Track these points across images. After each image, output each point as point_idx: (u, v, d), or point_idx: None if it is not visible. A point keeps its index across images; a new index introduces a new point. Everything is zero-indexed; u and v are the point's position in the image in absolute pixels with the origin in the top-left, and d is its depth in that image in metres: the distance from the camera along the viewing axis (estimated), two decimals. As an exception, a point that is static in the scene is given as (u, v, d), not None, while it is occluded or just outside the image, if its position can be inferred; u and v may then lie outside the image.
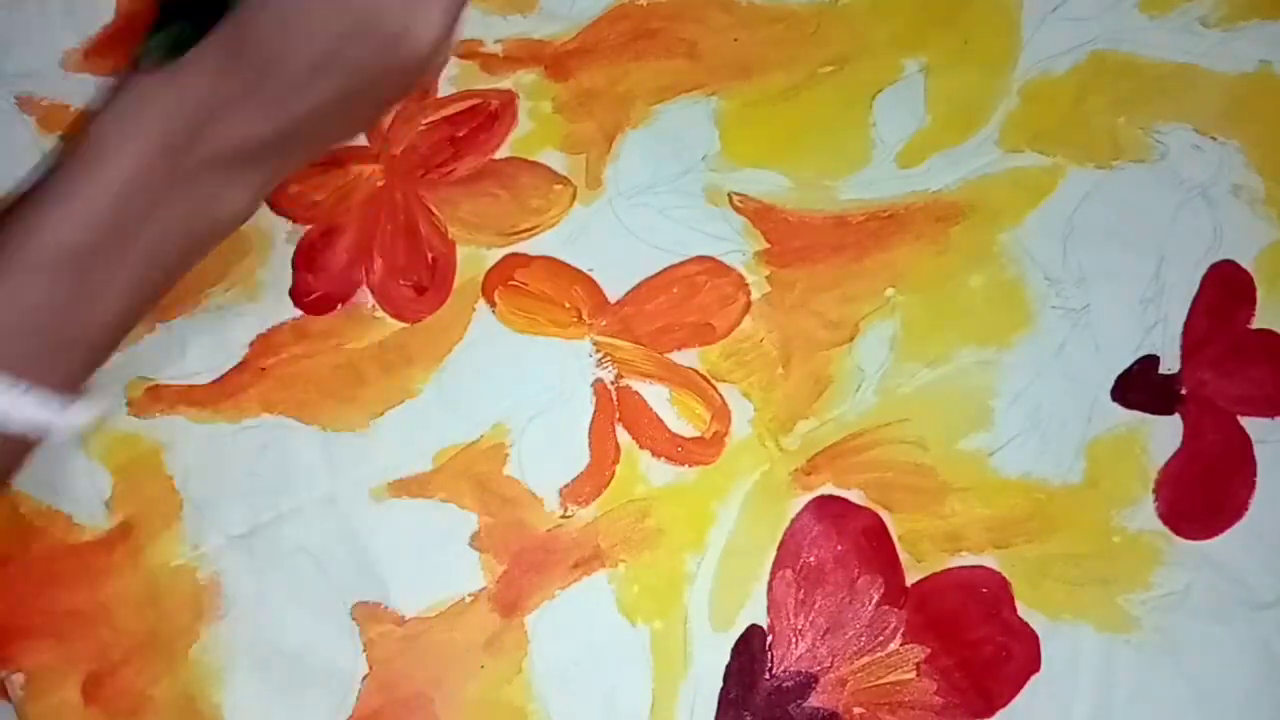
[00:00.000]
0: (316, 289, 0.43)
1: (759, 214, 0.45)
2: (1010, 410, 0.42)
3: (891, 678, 0.39)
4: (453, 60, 0.46)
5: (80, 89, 0.46)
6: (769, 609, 0.40)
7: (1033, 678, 0.39)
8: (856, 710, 0.39)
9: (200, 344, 0.43)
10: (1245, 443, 0.42)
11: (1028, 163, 0.45)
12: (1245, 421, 0.42)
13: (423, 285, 0.43)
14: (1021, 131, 0.46)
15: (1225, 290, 0.44)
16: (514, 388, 0.41)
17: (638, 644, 0.39)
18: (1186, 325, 0.43)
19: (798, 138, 0.46)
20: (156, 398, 0.42)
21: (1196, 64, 0.47)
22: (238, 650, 0.39)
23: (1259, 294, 0.44)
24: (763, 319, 0.43)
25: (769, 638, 0.40)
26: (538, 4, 0.47)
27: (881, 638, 0.40)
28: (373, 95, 0.35)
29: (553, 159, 0.45)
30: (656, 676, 0.39)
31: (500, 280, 0.43)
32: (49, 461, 0.41)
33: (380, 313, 0.43)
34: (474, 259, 0.44)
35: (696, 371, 0.42)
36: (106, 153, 0.32)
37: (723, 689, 0.39)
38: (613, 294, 0.43)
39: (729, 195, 0.45)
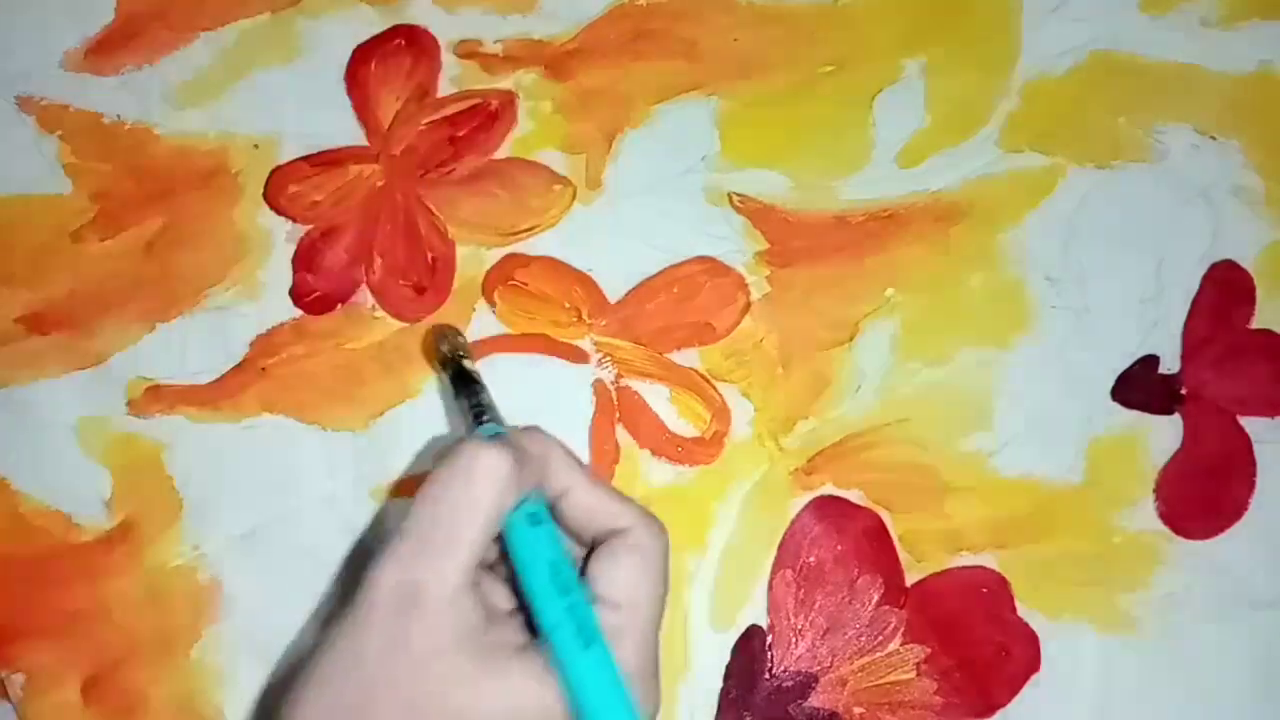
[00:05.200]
0: (316, 289, 0.43)
1: (759, 214, 0.45)
2: (1010, 410, 0.42)
3: (891, 678, 0.39)
4: (453, 60, 0.46)
5: (80, 89, 0.46)
6: (769, 609, 0.40)
7: (1033, 678, 0.39)
8: (856, 710, 0.39)
9: (200, 344, 0.43)
10: (1245, 443, 0.42)
11: (1028, 163, 0.45)
12: (1245, 421, 0.42)
13: (423, 285, 0.43)
14: (1021, 131, 0.46)
15: (1225, 290, 0.44)
16: (514, 388, 0.41)
17: (638, 644, 0.39)
18: (1186, 325, 0.43)
19: (798, 138, 0.46)
20: (156, 398, 0.42)
21: (1196, 64, 0.46)
22: (238, 650, 0.39)
23: (1259, 294, 0.44)
24: (763, 319, 0.43)
25: (769, 637, 0.40)
26: (538, 4, 0.47)
27: (881, 638, 0.40)
28: None
29: (553, 159, 0.45)
30: (656, 676, 0.39)
31: (500, 280, 0.43)
32: (49, 461, 0.41)
33: (380, 313, 0.43)
34: (474, 259, 0.44)
35: (696, 371, 0.42)
36: None
37: (723, 689, 0.39)
38: (613, 294, 0.43)
39: (729, 195, 0.45)
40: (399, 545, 0.29)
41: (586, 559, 0.31)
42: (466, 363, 0.38)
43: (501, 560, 0.31)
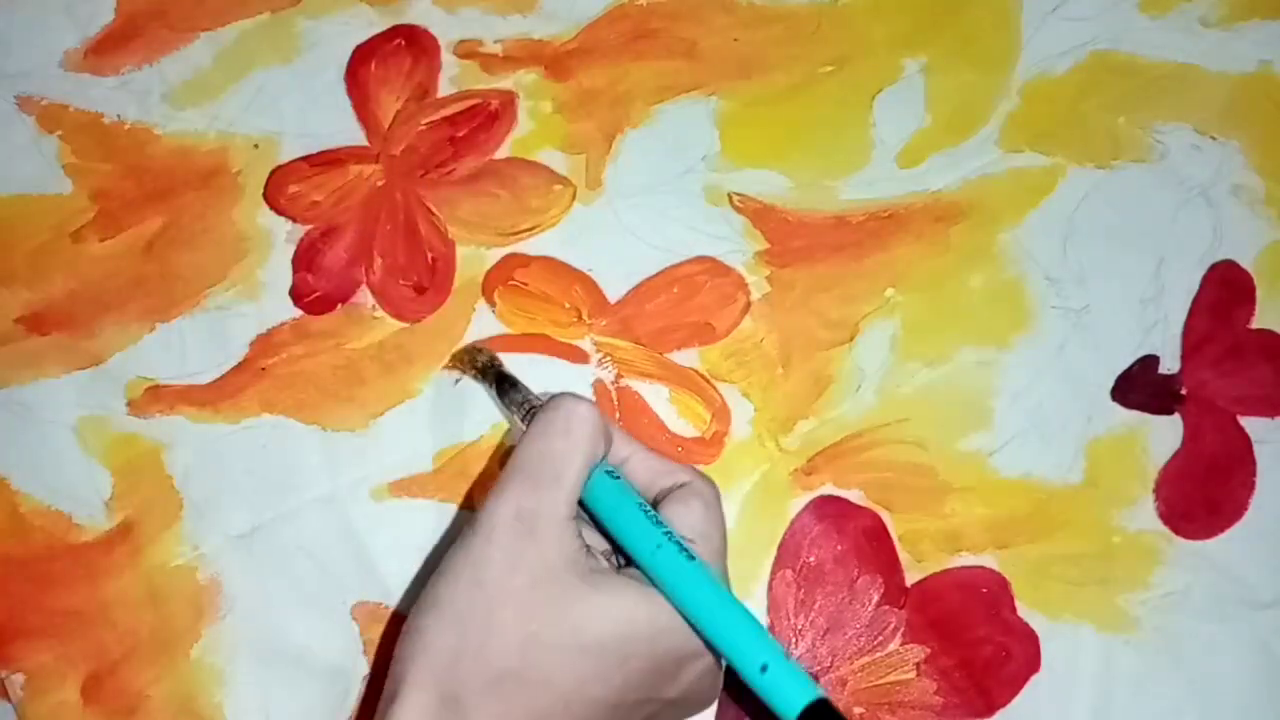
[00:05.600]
0: (316, 289, 0.43)
1: (759, 214, 0.45)
2: (1010, 410, 0.42)
3: (891, 678, 0.39)
4: (453, 60, 0.46)
5: (80, 89, 0.46)
6: (769, 609, 0.40)
7: (1033, 678, 0.39)
8: (856, 710, 0.39)
9: (200, 344, 0.43)
10: (1245, 443, 0.42)
11: (1028, 163, 0.45)
12: (1245, 421, 0.42)
13: (423, 285, 0.43)
14: (1021, 131, 0.46)
15: (1225, 290, 0.44)
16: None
17: (638, 644, 0.39)
18: (1186, 325, 0.43)
19: (798, 138, 0.46)
20: (156, 398, 0.42)
21: (1196, 64, 0.47)
22: (238, 650, 0.39)
23: (1259, 294, 0.44)
24: (763, 319, 0.43)
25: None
26: (538, 4, 0.47)
27: (881, 638, 0.40)
28: None
29: (553, 159, 0.45)
30: (656, 676, 0.39)
31: (500, 280, 0.43)
32: (49, 461, 0.41)
33: (380, 313, 0.43)
34: (474, 259, 0.44)
35: (696, 371, 0.42)
36: None
37: (723, 688, 0.39)
38: (613, 294, 0.43)
39: (729, 195, 0.45)
40: (512, 481, 0.32)
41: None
42: (505, 368, 0.40)
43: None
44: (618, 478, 0.34)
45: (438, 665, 0.31)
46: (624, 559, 0.34)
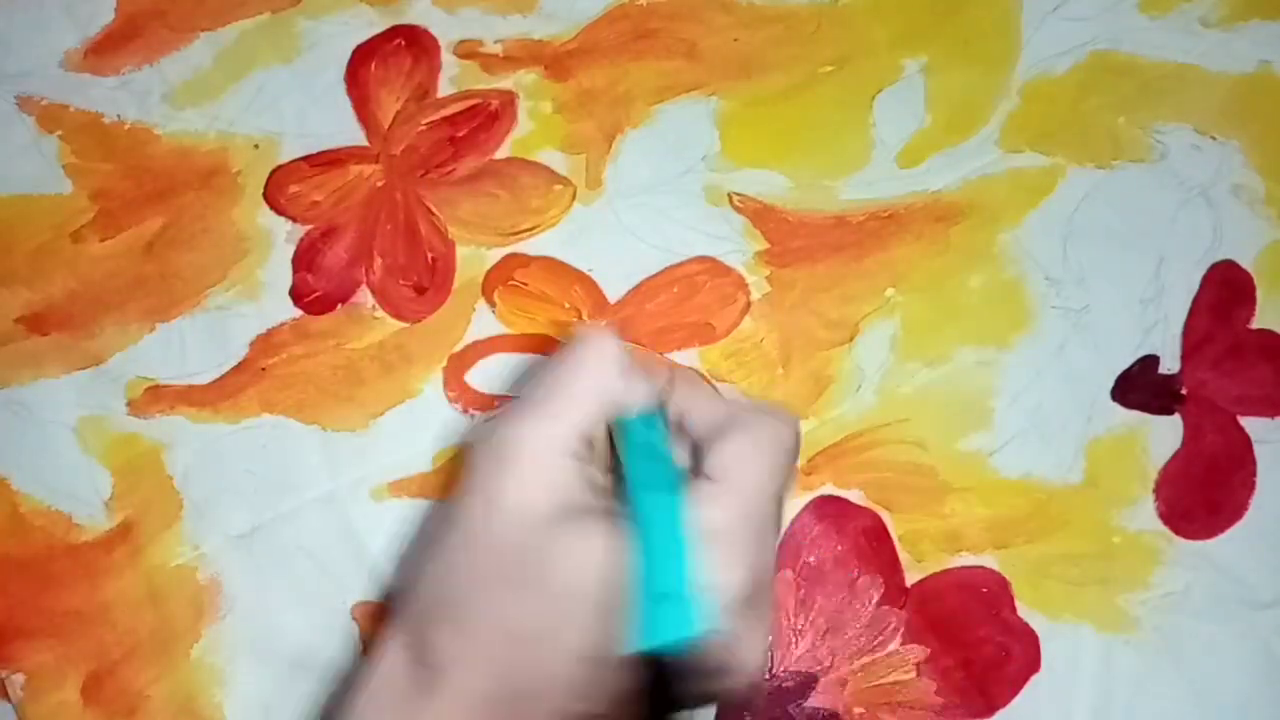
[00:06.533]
0: (316, 289, 0.43)
1: (759, 214, 0.45)
2: (1010, 410, 0.42)
3: (891, 678, 0.39)
4: (453, 60, 0.46)
5: (80, 89, 0.46)
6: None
7: (1033, 678, 0.39)
8: (856, 710, 0.39)
9: (200, 344, 0.43)
10: (1245, 443, 0.42)
11: (1028, 163, 0.45)
12: (1245, 421, 0.42)
13: (423, 285, 0.43)
14: (1021, 131, 0.46)
15: (1225, 290, 0.44)
16: (513, 388, 0.41)
17: (638, 644, 0.39)
18: (1186, 325, 0.43)
19: (798, 138, 0.46)
20: (156, 398, 0.42)
21: (1196, 64, 0.46)
22: (238, 650, 0.39)
23: (1259, 294, 0.44)
24: (763, 319, 0.43)
25: (769, 638, 0.40)
26: (538, 4, 0.47)
27: (881, 638, 0.40)
28: None
29: (553, 159, 0.45)
30: (656, 676, 0.39)
31: (500, 280, 0.43)
32: (49, 461, 0.41)
33: (380, 313, 0.43)
34: (474, 259, 0.44)
35: (697, 371, 0.42)
36: None
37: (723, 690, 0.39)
38: (613, 294, 0.43)
39: (729, 195, 0.45)
40: (508, 410, 0.30)
41: None
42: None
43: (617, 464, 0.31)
44: (653, 427, 0.30)
45: (404, 609, 0.29)
46: None
